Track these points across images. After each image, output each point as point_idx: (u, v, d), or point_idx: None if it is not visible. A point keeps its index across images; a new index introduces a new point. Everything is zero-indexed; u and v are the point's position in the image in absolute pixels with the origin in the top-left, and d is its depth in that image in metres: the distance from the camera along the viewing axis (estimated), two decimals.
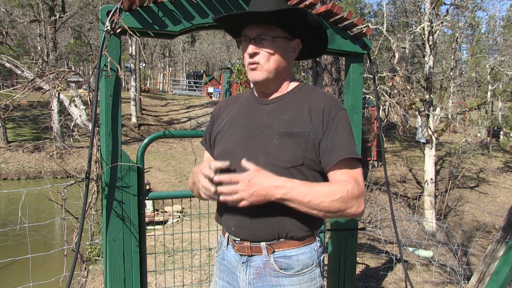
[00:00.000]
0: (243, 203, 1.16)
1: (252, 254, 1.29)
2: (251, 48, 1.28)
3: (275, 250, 1.28)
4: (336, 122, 1.27)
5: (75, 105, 4.38)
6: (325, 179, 1.32)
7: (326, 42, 1.42)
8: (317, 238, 1.36)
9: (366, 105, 13.68)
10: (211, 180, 1.18)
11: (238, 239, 1.31)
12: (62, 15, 15.48)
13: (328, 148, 1.26)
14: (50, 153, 10.63)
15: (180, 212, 7.42)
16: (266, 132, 1.30)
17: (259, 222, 1.26)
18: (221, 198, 1.18)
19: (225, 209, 1.34)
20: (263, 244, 1.27)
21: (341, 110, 1.31)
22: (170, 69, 39.08)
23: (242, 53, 1.35)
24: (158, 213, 7.80)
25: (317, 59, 7.04)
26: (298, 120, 1.28)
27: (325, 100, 1.31)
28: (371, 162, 12.61)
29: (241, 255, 1.31)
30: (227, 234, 1.38)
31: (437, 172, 11.46)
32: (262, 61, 1.29)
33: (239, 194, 1.15)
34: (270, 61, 1.29)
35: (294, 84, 1.39)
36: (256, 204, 1.17)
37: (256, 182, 1.15)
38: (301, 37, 1.37)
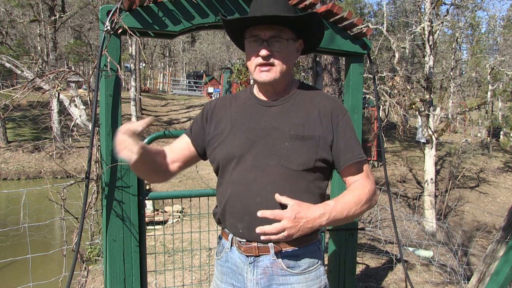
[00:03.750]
0: (287, 238, 1.18)
1: (259, 254, 1.30)
2: (265, 51, 1.27)
3: (282, 249, 1.29)
4: (345, 125, 1.33)
5: (75, 105, 4.38)
6: (327, 180, 1.36)
7: (320, 42, 1.45)
8: (320, 236, 1.39)
9: (366, 105, 13.68)
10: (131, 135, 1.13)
11: (245, 240, 1.31)
12: (62, 15, 15.47)
13: (340, 149, 1.31)
14: (50, 153, 10.63)
15: (180, 212, 7.42)
16: (274, 135, 1.30)
17: (268, 224, 1.26)
18: (264, 238, 1.18)
19: (231, 213, 1.33)
20: (271, 244, 1.28)
21: (346, 112, 1.37)
22: (170, 69, 39.08)
23: (248, 53, 1.33)
24: (158, 213, 7.80)
25: (317, 59, 7.04)
26: (308, 122, 1.31)
27: (331, 103, 1.36)
28: (371, 162, 12.62)
29: (247, 256, 1.31)
30: (230, 236, 1.36)
31: (437, 172, 11.46)
32: (276, 63, 1.29)
33: (286, 231, 1.16)
34: (283, 62, 1.30)
35: (295, 85, 1.40)
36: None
37: (302, 216, 1.17)
38: (303, 37, 1.38)
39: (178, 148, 1.46)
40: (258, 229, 1.17)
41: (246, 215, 1.28)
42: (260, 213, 1.16)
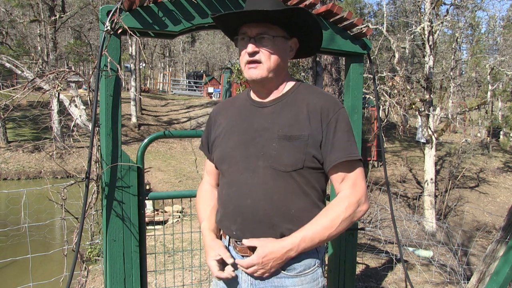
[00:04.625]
0: (261, 276, 1.27)
1: None
2: (251, 47, 1.26)
3: None
4: (335, 124, 1.27)
5: (75, 105, 4.38)
6: (323, 181, 1.34)
7: (321, 42, 1.42)
8: None
9: (366, 105, 13.69)
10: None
11: (240, 241, 1.31)
12: (62, 15, 15.47)
13: (327, 150, 1.26)
14: (50, 153, 10.63)
15: (180, 212, 7.42)
16: (264, 136, 1.29)
17: (262, 226, 1.26)
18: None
19: (225, 215, 1.34)
20: None
21: (340, 109, 1.30)
22: (170, 69, 39.07)
23: (239, 51, 1.34)
24: (158, 213, 7.81)
25: (317, 59, 7.03)
26: (296, 122, 1.28)
27: (323, 100, 1.31)
28: (371, 162, 12.62)
29: (242, 256, 1.31)
30: (228, 236, 1.37)
31: (437, 172, 11.46)
32: (263, 60, 1.28)
33: (258, 272, 1.24)
34: (270, 60, 1.28)
35: (291, 84, 1.38)
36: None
37: (269, 258, 1.22)
38: (298, 36, 1.37)
39: (213, 171, 1.51)
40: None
41: (238, 217, 1.28)
42: (234, 261, 1.29)
